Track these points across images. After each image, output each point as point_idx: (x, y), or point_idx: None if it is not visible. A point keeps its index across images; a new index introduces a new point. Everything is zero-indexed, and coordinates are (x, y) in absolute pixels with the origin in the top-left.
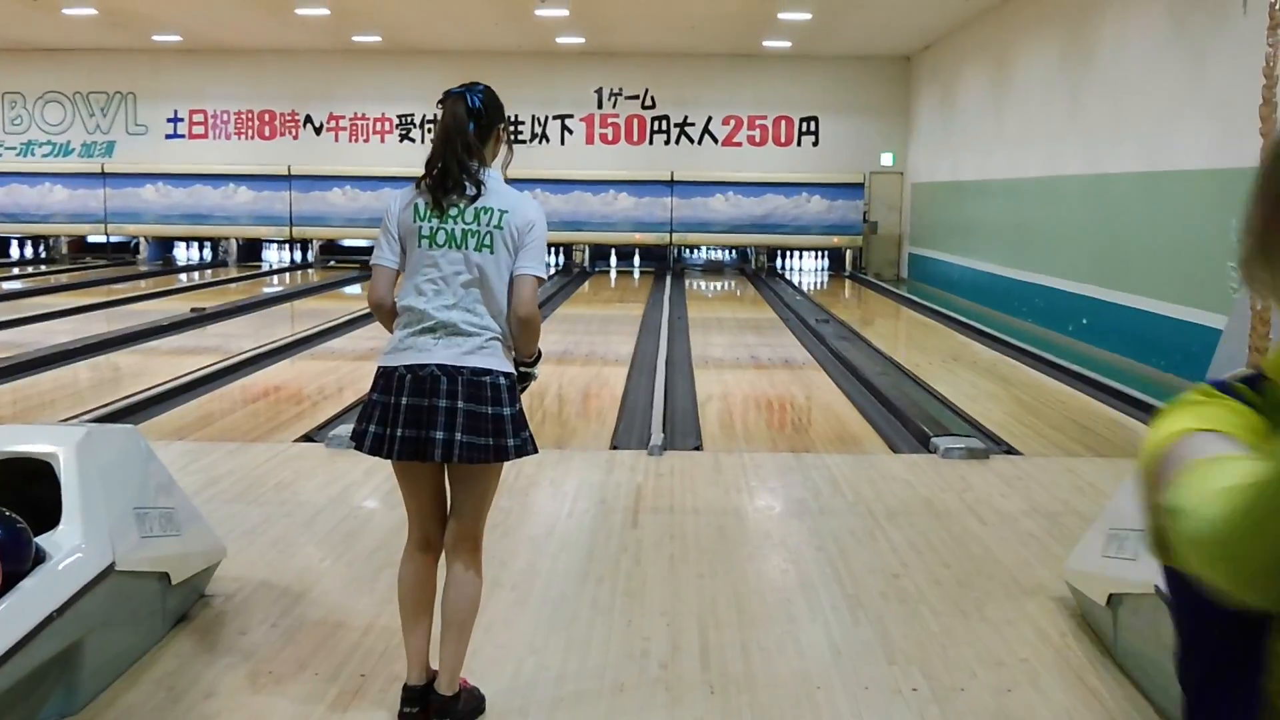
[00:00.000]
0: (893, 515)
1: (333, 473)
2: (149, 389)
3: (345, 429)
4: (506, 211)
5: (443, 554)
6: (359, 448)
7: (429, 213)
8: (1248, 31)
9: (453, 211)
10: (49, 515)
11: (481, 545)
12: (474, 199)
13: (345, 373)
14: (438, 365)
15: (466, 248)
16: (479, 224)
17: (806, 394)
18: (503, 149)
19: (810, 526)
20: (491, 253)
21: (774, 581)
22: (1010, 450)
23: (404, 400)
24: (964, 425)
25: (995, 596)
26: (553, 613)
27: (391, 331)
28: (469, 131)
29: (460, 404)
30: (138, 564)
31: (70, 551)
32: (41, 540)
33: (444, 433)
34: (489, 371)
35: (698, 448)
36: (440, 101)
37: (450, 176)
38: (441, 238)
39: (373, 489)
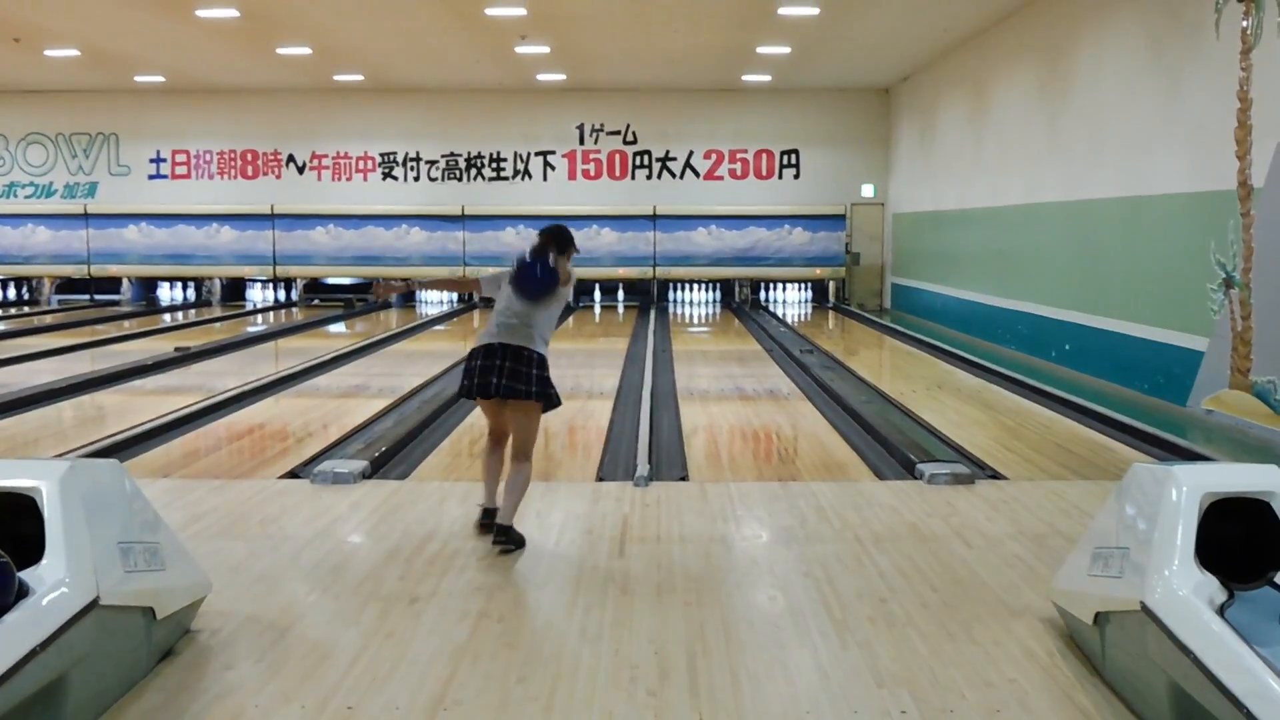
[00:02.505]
0: (879, 541)
1: (318, 508)
2: (133, 428)
3: (331, 464)
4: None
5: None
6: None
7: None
8: (1221, 56)
9: None
10: (33, 549)
11: (530, 455)
12: None
13: (329, 409)
14: (501, 344)
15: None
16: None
17: (792, 424)
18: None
19: (797, 553)
20: (545, 309)
21: (762, 608)
22: (995, 475)
23: (477, 362)
24: (949, 451)
25: (983, 618)
26: (540, 643)
27: (454, 290)
28: (552, 249)
29: (510, 364)
30: (122, 599)
31: (54, 586)
32: (25, 575)
33: (498, 378)
34: (526, 349)
35: (683, 478)
36: (540, 233)
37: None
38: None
39: (358, 523)
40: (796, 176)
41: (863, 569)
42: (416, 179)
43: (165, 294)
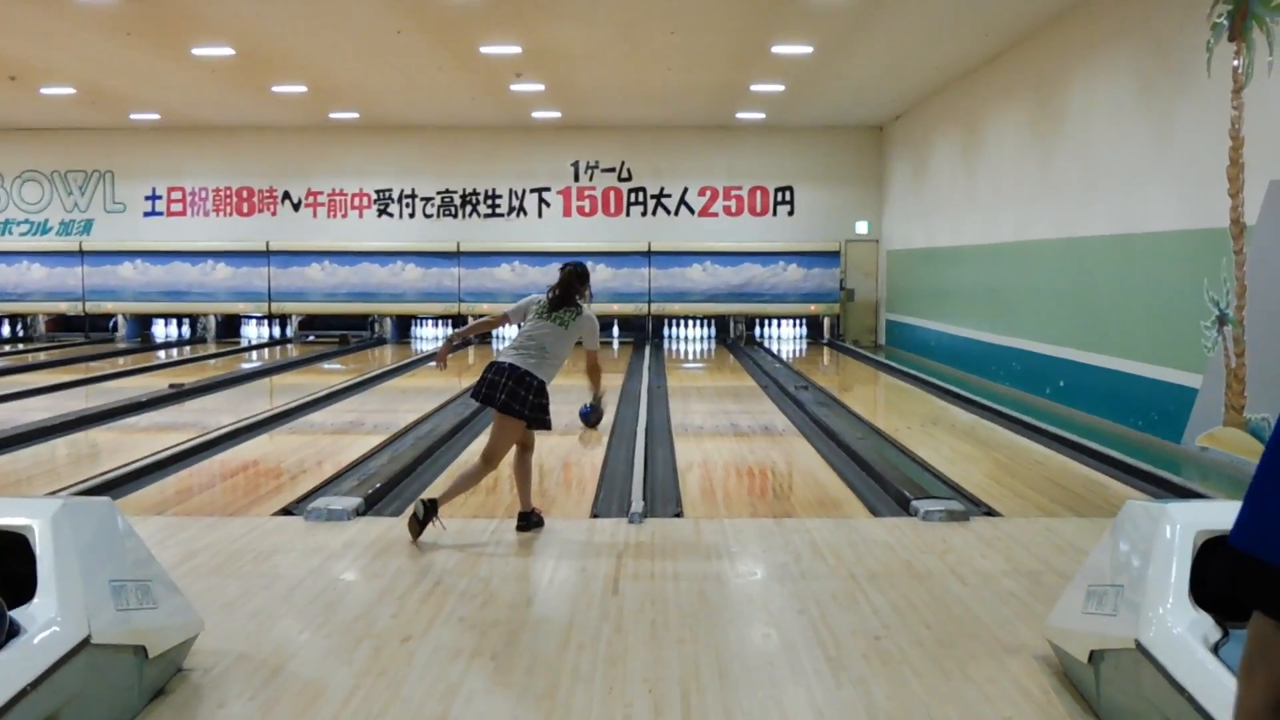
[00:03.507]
0: (874, 578)
1: (311, 545)
2: (127, 465)
3: (325, 501)
4: (574, 316)
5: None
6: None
7: (545, 309)
8: (1212, 95)
9: (558, 314)
10: (24, 588)
11: (490, 460)
12: (562, 308)
13: (324, 446)
14: (510, 365)
15: (557, 323)
16: (562, 318)
17: (787, 460)
18: (588, 290)
19: (792, 590)
20: (564, 329)
21: (756, 646)
22: (990, 511)
23: (489, 375)
24: (943, 488)
25: (977, 656)
26: (534, 681)
27: (488, 329)
28: (576, 283)
29: (512, 384)
30: (114, 637)
31: (45, 625)
32: (16, 613)
33: (500, 394)
34: (530, 375)
35: (678, 514)
36: (562, 268)
37: (565, 300)
38: (550, 321)
39: (351, 560)
40: (791, 213)
41: (857, 606)
42: (412, 215)
43: (160, 331)
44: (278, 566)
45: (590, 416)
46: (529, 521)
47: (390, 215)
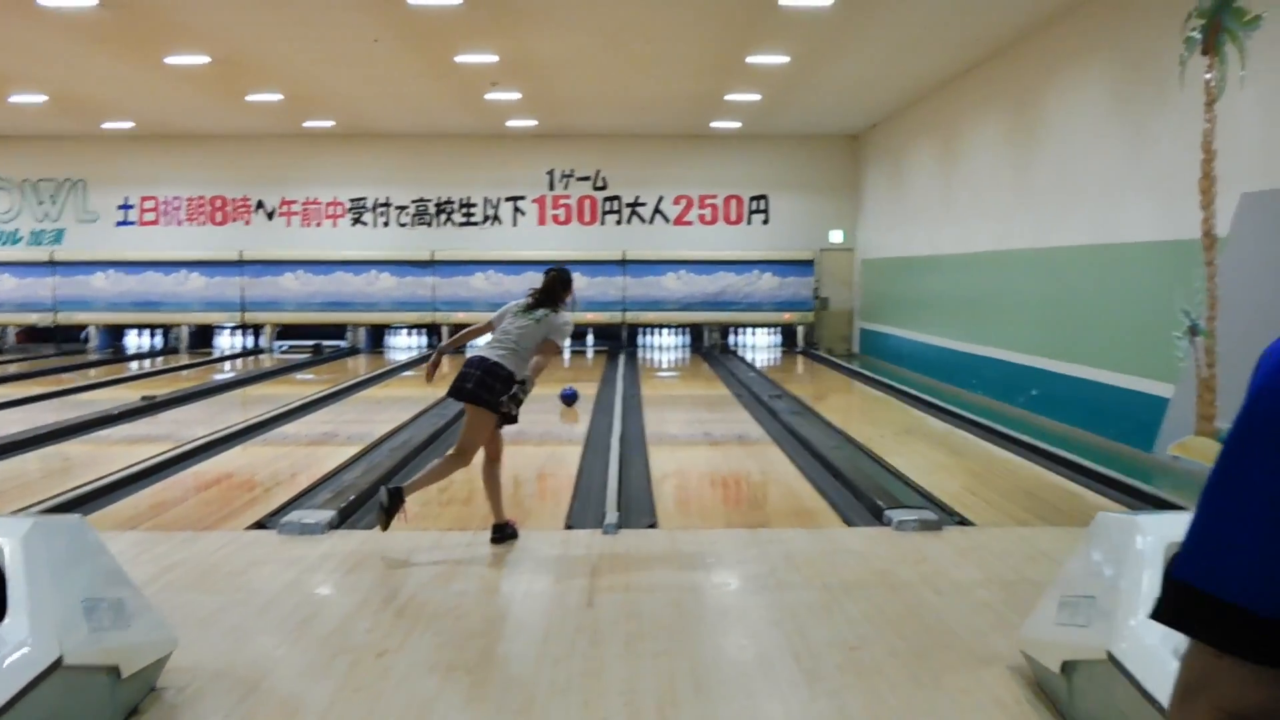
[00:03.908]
0: (849, 589)
1: (286, 559)
2: (100, 479)
3: (299, 514)
4: (550, 315)
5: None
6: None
7: (523, 309)
8: (1186, 107)
9: (535, 312)
10: None
11: (463, 454)
12: (540, 308)
13: (299, 458)
14: (480, 357)
15: (531, 319)
16: (538, 315)
17: (761, 470)
18: (571, 297)
19: (767, 602)
20: (537, 325)
21: (732, 658)
22: (963, 521)
23: (471, 370)
24: (917, 498)
25: (952, 667)
26: (509, 696)
27: (475, 337)
28: (557, 287)
29: (481, 374)
30: (86, 658)
31: (16, 646)
32: None
33: (470, 384)
34: (502, 366)
35: (653, 525)
36: (546, 272)
37: (545, 301)
38: (526, 318)
39: (326, 574)
40: (766, 222)
41: (832, 617)
42: (386, 224)
43: (133, 342)
44: (252, 581)
45: (570, 399)
46: (503, 534)
47: (364, 224)
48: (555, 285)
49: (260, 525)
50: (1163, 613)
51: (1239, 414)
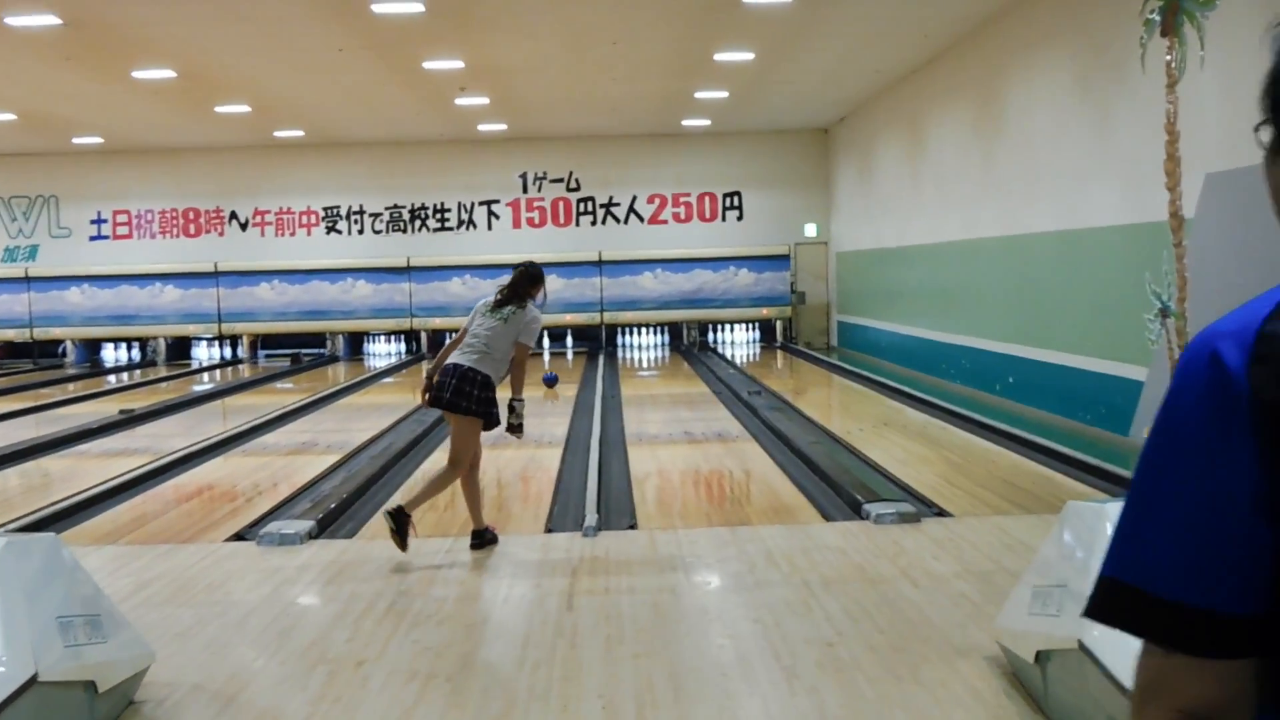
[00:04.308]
0: (828, 584)
1: (264, 570)
2: (79, 493)
3: (278, 525)
4: (517, 312)
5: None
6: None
7: (491, 307)
8: (1148, 90)
9: (501, 311)
10: None
11: (459, 463)
12: (507, 306)
13: (278, 468)
14: (454, 365)
15: (498, 318)
16: (504, 314)
17: (741, 467)
18: (542, 292)
19: (746, 600)
20: (505, 324)
21: (711, 657)
22: (942, 512)
23: (444, 379)
24: (896, 490)
25: (929, 659)
26: (489, 701)
27: (447, 354)
28: (525, 283)
29: (456, 382)
30: (62, 674)
31: None
32: None
33: (447, 393)
34: (475, 370)
35: (633, 526)
36: (515, 268)
37: (512, 298)
38: (493, 318)
39: (305, 585)
40: (740, 218)
41: (811, 614)
42: (361, 232)
43: (110, 355)
44: (231, 594)
45: (552, 382)
46: (482, 540)
47: (339, 232)
48: (522, 280)
49: (239, 537)
50: (1094, 609)
51: (1160, 409)
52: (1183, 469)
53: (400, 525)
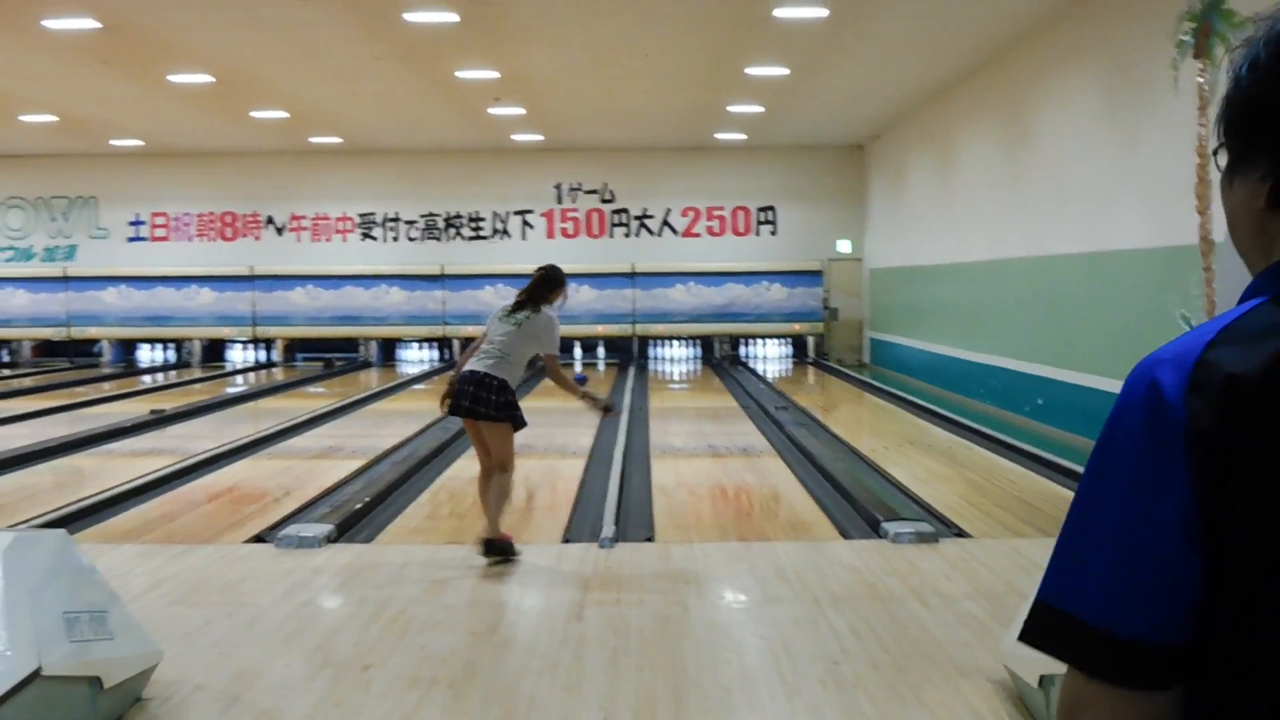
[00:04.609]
0: (837, 602)
1: (278, 573)
2: (106, 490)
3: (296, 528)
4: (532, 317)
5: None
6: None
7: (507, 312)
8: (1177, 112)
9: (516, 315)
10: None
11: (506, 468)
12: (522, 310)
13: (301, 471)
14: (470, 371)
15: (513, 324)
16: (518, 319)
17: (761, 482)
18: (561, 297)
19: (755, 616)
20: (519, 329)
21: (714, 672)
22: (960, 533)
23: (468, 387)
24: (916, 509)
25: (933, 680)
26: (489, 710)
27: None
28: (542, 287)
29: (474, 389)
30: (66, 669)
31: None
32: None
33: (466, 401)
34: (491, 376)
35: (649, 539)
36: (539, 269)
37: (528, 302)
38: (508, 323)
39: (318, 588)
40: (773, 233)
41: (818, 631)
42: (395, 239)
43: (145, 355)
44: (244, 595)
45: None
46: (492, 548)
47: (374, 239)
48: (539, 284)
49: (259, 539)
50: (1026, 633)
51: (1100, 434)
52: (1117, 495)
53: (499, 550)
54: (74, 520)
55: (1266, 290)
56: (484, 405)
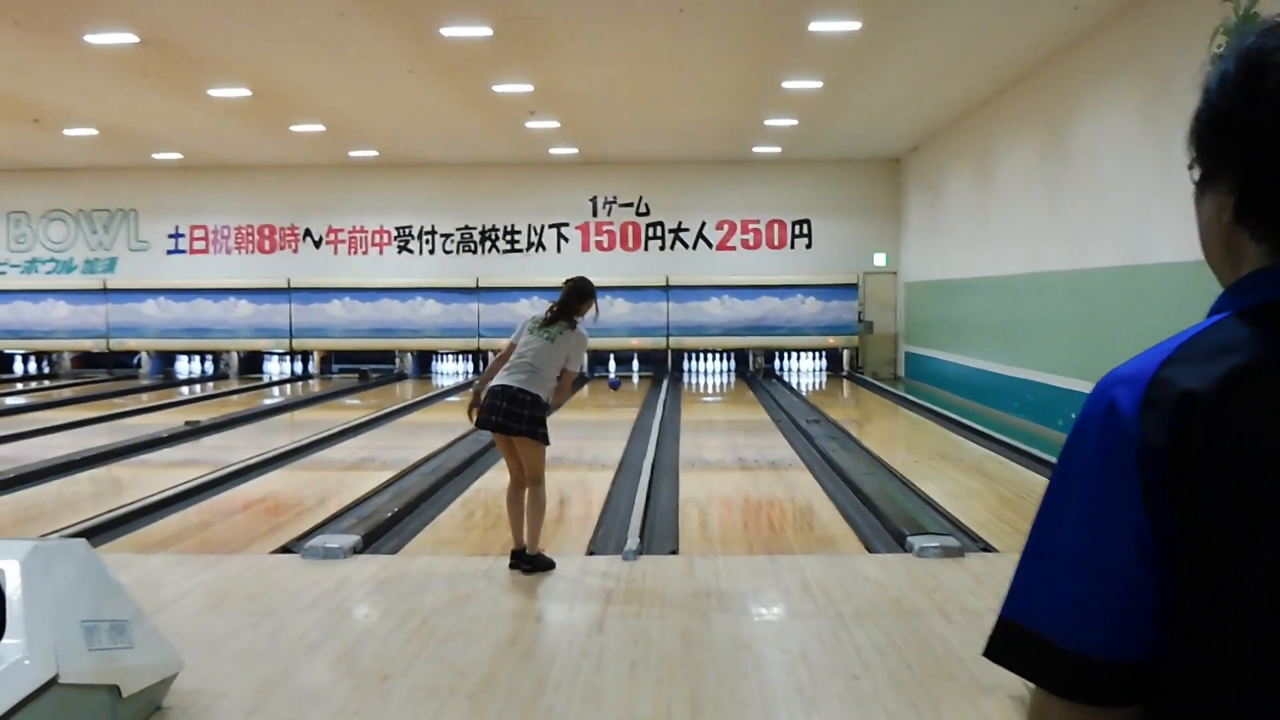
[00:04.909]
0: (860, 616)
1: (304, 583)
2: (133, 502)
3: (323, 539)
4: (566, 332)
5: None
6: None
7: (538, 324)
8: None
9: (549, 330)
10: None
11: (539, 481)
12: (556, 323)
13: (332, 483)
14: (502, 386)
15: (545, 338)
16: (551, 333)
17: (789, 495)
18: (592, 309)
19: (776, 629)
20: (552, 344)
21: (732, 686)
22: (987, 548)
23: (500, 402)
24: (943, 523)
25: (952, 696)
26: None
27: (495, 368)
28: (574, 299)
29: (505, 404)
30: (84, 676)
31: (12, 664)
32: None
33: (497, 416)
34: (524, 391)
35: (674, 552)
36: (566, 281)
37: (561, 315)
38: (540, 337)
39: (342, 599)
40: (809, 246)
41: (839, 645)
42: (431, 252)
43: (183, 367)
44: (268, 605)
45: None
46: (527, 562)
47: (410, 251)
48: (571, 296)
49: (286, 549)
50: (989, 649)
51: (1061, 451)
52: (1074, 511)
53: (537, 564)
54: (110, 529)
55: (1229, 306)
56: (516, 420)
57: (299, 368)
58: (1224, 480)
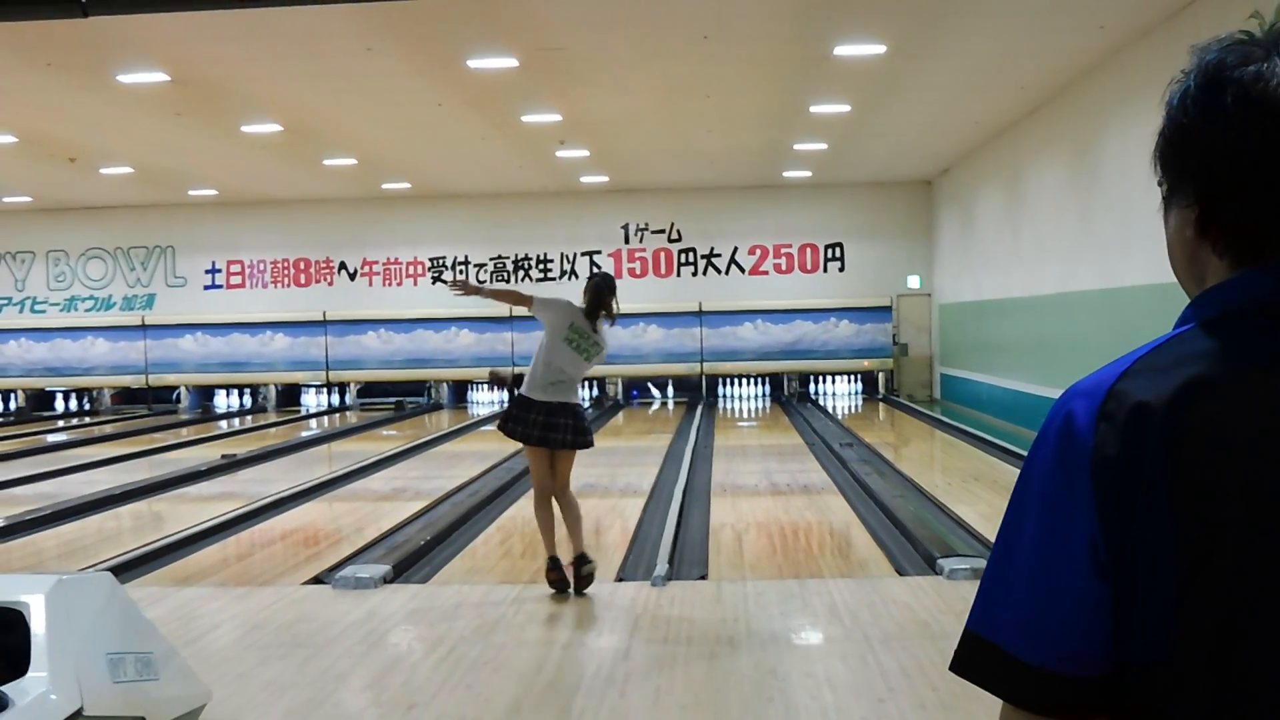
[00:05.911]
0: (888, 639)
1: (334, 614)
2: (177, 533)
3: (354, 570)
4: (599, 346)
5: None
6: (510, 436)
7: (573, 335)
8: None
9: (586, 346)
10: (22, 663)
11: (568, 483)
12: (592, 336)
13: (366, 513)
14: (542, 402)
15: (581, 354)
16: (588, 351)
17: (820, 519)
18: (615, 302)
19: (803, 654)
20: (588, 360)
21: (757, 711)
22: None
23: (539, 417)
24: (976, 546)
25: (978, 719)
26: None
27: (509, 300)
28: (606, 291)
29: (544, 417)
30: (109, 709)
31: (36, 697)
32: (8, 688)
33: (535, 430)
34: (564, 404)
35: (703, 577)
36: (590, 277)
37: (598, 306)
38: (579, 353)
39: (372, 629)
40: (841, 269)
41: (866, 668)
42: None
43: (222, 401)
44: (298, 635)
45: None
46: (581, 560)
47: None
48: (602, 291)
49: (318, 580)
50: (954, 663)
51: (1023, 464)
52: (1031, 524)
53: (586, 576)
54: (149, 561)
55: (1193, 319)
56: (557, 432)
57: (336, 400)
58: (1177, 492)
